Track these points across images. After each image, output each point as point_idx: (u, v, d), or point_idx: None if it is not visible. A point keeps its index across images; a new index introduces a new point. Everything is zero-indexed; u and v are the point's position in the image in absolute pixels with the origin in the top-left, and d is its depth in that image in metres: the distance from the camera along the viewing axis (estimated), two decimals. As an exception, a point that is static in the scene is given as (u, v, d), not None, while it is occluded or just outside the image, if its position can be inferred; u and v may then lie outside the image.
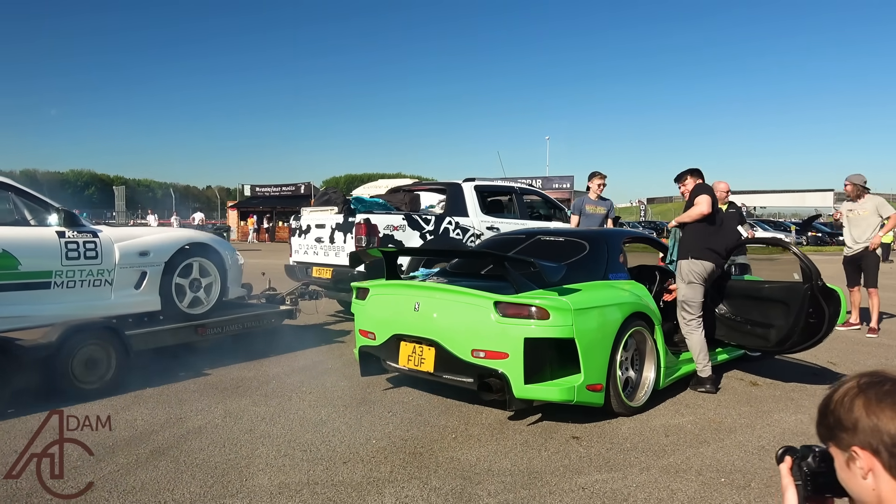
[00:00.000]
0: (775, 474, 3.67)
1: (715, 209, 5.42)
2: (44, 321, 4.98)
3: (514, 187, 9.83)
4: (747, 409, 4.89)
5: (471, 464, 3.76)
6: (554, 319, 4.18)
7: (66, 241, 5.12)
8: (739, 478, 3.60)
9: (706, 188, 5.50)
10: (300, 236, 8.87)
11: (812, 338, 5.08)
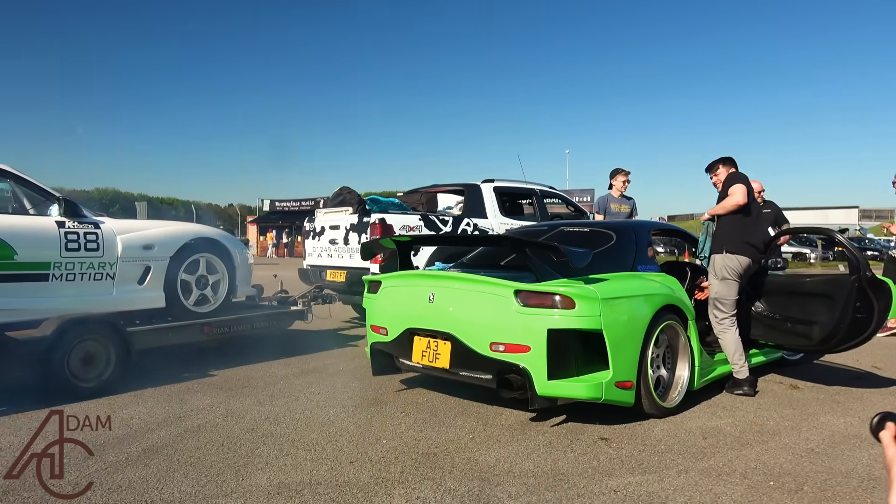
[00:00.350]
0: (830, 477, 3.30)
1: (751, 199, 5.05)
2: (41, 315, 4.73)
3: (535, 189, 9.48)
4: (790, 411, 4.50)
5: (489, 465, 3.42)
6: (580, 309, 3.84)
7: (65, 231, 4.89)
8: (790, 481, 3.22)
9: (741, 177, 5.13)
10: (314, 238, 8.61)
11: (860, 334, 4.68)
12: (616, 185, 7.88)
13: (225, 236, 6.14)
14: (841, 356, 6.54)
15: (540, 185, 9.65)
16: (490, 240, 5.51)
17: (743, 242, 4.98)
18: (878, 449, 3.66)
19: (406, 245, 4.95)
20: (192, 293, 5.79)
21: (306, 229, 8.86)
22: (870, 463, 3.49)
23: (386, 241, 4.90)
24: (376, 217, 7.65)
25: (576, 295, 3.85)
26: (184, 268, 5.67)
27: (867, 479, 3.27)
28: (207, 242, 5.90)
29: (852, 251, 4.61)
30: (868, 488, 3.14)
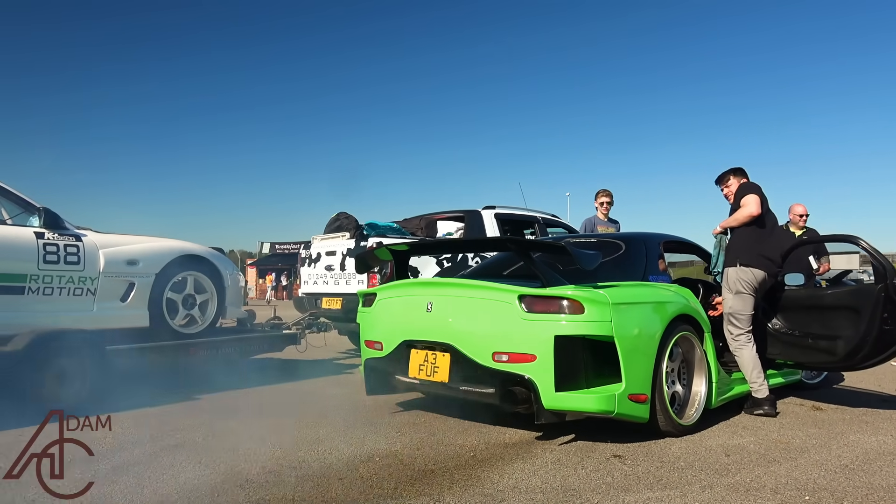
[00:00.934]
0: (871, 492, 2.96)
1: (765, 209, 4.80)
2: (16, 331, 4.45)
3: (538, 217, 9.25)
4: (816, 430, 4.17)
5: (492, 481, 3.10)
6: (589, 314, 3.56)
7: (44, 242, 4.64)
8: (827, 496, 2.90)
9: (753, 187, 4.89)
10: (310, 265, 8.35)
11: (888, 348, 4.37)
12: (599, 207, 7.62)
13: (215, 255, 5.88)
14: (862, 380, 6.23)
15: (543, 213, 9.43)
16: (493, 242, 5.24)
17: (758, 255, 4.72)
18: (919, 465, 3.35)
19: (403, 255, 4.69)
20: (179, 313, 5.52)
21: (302, 256, 8.61)
22: (912, 479, 3.17)
23: (381, 251, 4.64)
24: (374, 241, 7.40)
25: (585, 299, 3.58)
26: (170, 286, 5.41)
27: (913, 494, 2.94)
28: (196, 260, 5.65)
29: (878, 258, 4.34)
30: (915, 503, 2.82)
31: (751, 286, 4.68)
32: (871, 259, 4.38)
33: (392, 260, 4.71)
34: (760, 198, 4.81)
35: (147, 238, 5.42)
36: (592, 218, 7.60)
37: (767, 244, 4.80)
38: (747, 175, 5.12)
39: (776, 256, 4.84)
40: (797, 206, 7.54)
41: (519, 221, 9.21)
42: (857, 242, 4.61)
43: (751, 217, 4.73)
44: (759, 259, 4.71)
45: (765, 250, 4.76)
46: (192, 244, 5.73)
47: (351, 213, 8.28)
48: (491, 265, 5.08)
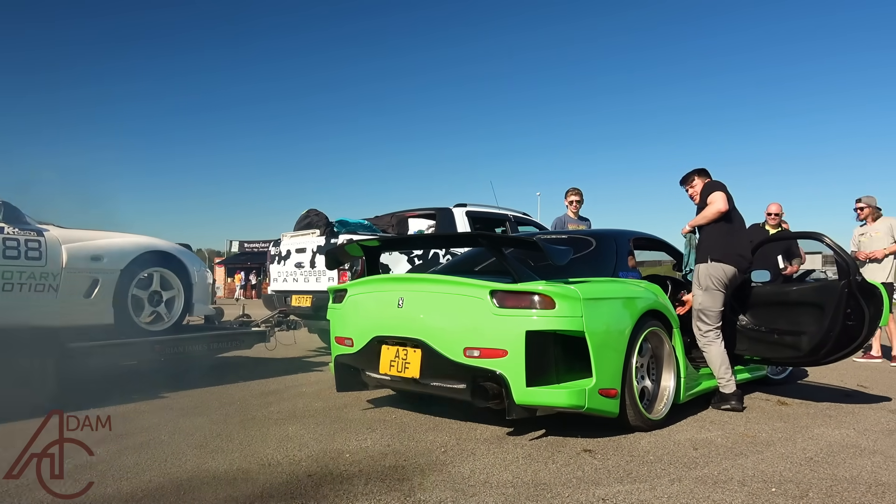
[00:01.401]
0: (835, 484, 3.01)
1: (732, 206, 4.86)
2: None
3: (509, 216, 9.28)
4: (781, 424, 4.24)
5: (464, 477, 3.08)
6: (560, 309, 3.57)
7: (3, 237, 4.52)
8: (793, 488, 2.94)
9: (718, 185, 4.95)
10: (279, 263, 8.26)
11: (850, 343, 4.47)
12: (569, 206, 7.67)
13: (182, 251, 5.78)
14: (825, 375, 6.35)
15: (514, 211, 9.46)
16: (463, 237, 5.23)
17: (728, 251, 4.77)
18: (881, 457, 3.42)
19: (374, 251, 4.65)
20: (145, 310, 5.41)
21: (272, 254, 8.51)
22: (874, 470, 3.23)
23: (352, 247, 4.60)
24: (344, 238, 7.35)
25: (556, 294, 3.59)
26: (136, 282, 5.30)
27: (874, 484, 3.00)
28: (162, 257, 5.54)
29: (842, 255, 4.43)
30: (877, 493, 2.87)
31: (721, 282, 4.73)
32: (836, 256, 4.47)
33: (363, 256, 4.67)
34: (726, 195, 4.87)
35: (112, 234, 5.31)
36: (563, 216, 7.64)
37: (737, 240, 4.86)
38: (710, 175, 5.18)
39: (746, 252, 4.91)
40: (772, 205, 7.67)
41: (490, 219, 9.23)
42: (821, 239, 4.70)
43: (719, 213, 4.78)
44: (730, 255, 4.76)
45: (735, 246, 4.81)
46: (159, 240, 5.63)
47: (321, 211, 8.22)
48: (462, 261, 5.07)
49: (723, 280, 4.73)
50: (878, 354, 7.78)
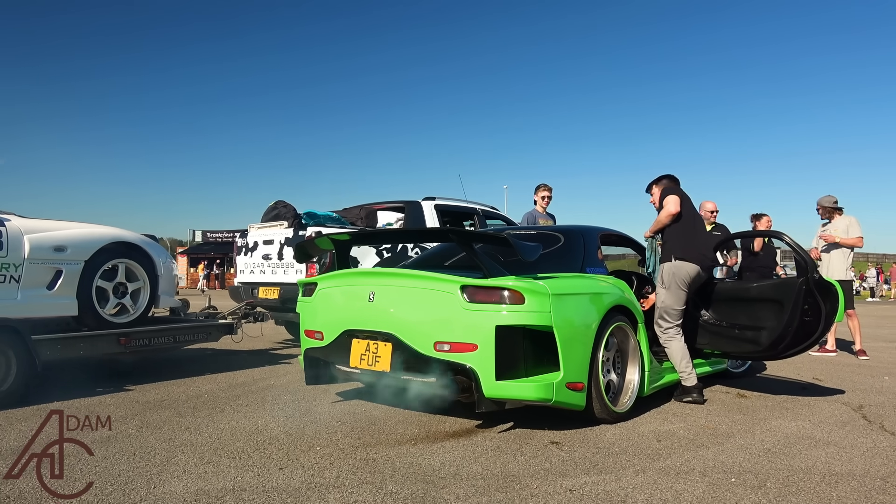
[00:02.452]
0: (792, 474, 3.13)
1: (687, 208, 4.98)
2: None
3: (478, 209, 9.34)
4: (741, 416, 4.38)
5: (434, 469, 3.13)
6: (529, 304, 3.63)
7: (-37, 227, 4.41)
8: (752, 478, 3.05)
9: (673, 190, 5.09)
10: (246, 254, 8.19)
11: (807, 338, 4.62)
12: (539, 201, 7.77)
13: (147, 242, 5.69)
14: (783, 369, 6.55)
15: (482, 204, 9.52)
16: (434, 233, 5.27)
17: (691, 250, 4.88)
18: (835, 448, 3.56)
19: (345, 244, 4.66)
20: (110, 301, 5.32)
21: (238, 245, 8.43)
22: (828, 460, 3.36)
23: (322, 240, 4.60)
24: (313, 231, 7.32)
25: (525, 290, 3.64)
26: (100, 274, 5.21)
27: (828, 474, 3.13)
28: (128, 248, 5.45)
29: (801, 253, 4.57)
30: (831, 483, 3.00)
31: (684, 282, 4.84)
32: (794, 254, 4.61)
33: (333, 249, 4.68)
34: (681, 197, 4.98)
35: (76, 224, 5.20)
36: (532, 212, 7.73)
37: (699, 239, 4.98)
38: (674, 181, 5.29)
39: (709, 251, 5.04)
40: (707, 202, 7.85)
41: (459, 213, 9.27)
42: (781, 238, 4.85)
43: (671, 216, 4.91)
44: (694, 254, 4.87)
45: (698, 245, 4.93)
46: (124, 231, 5.53)
47: (289, 202, 8.17)
48: (432, 256, 5.10)
49: (685, 279, 4.84)
50: (832, 349, 8.04)
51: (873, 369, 6.77)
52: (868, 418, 4.39)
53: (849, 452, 3.52)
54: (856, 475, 3.12)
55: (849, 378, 6.13)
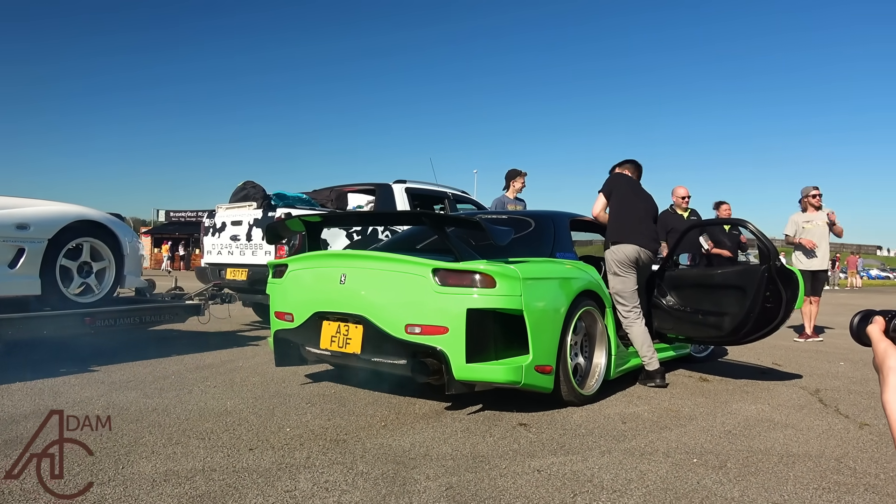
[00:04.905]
0: (751, 455, 3.23)
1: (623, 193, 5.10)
2: None
3: (448, 193, 9.35)
4: (703, 400, 4.49)
5: (404, 449, 3.16)
6: (500, 288, 3.67)
7: (-79, 203, 4.29)
8: (713, 459, 3.14)
9: (610, 182, 5.27)
10: (214, 235, 8.09)
11: (769, 324, 4.75)
12: (514, 186, 7.82)
13: (113, 221, 5.60)
14: (743, 354, 6.72)
15: (452, 188, 9.53)
16: (407, 216, 5.27)
17: (626, 232, 4.99)
18: (792, 430, 3.68)
19: (316, 226, 4.64)
20: (74, 281, 5.24)
21: (205, 226, 8.32)
22: (786, 442, 3.48)
23: (293, 221, 4.57)
24: (282, 212, 7.26)
25: (497, 273, 3.68)
26: (64, 252, 5.11)
27: (786, 455, 3.24)
28: (93, 226, 5.36)
29: (764, 241, 4.68)
30: (788, 463, 3.11)
31: (625, 264, 4.93)
32: (758, 241, 4.72)
33: (304, 231, 4.66)
34: (610, 189, 5.16)
35: (39, 201, 5.09)
36: (502, 197, 7.77)
37: (637, 222, 5.05)
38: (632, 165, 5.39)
39: (649, 232, 5.11)
40: (679, 188, 7.97)
41: (429, 196, 9.27)
42: (745, 226, 4.96)
43: (595, 215, 5.24)
44: (629, 236, 4.97)
45: (635, 227, 5.02)
46: (89, 209, 5.43)
47: (258, 183, 8.08)
48: (404, 239, 5.11)
49: (625, 261, 4.93)
50: (811, 334, 8.27)
51: (830, 355, 6.98)
52: (824, 402, 4.55)
53: (805, 434, 3.65)
54: (812, 456, 3.24)
55: (806, 363, 6.32)
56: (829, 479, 2.89)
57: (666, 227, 7.35)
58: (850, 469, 3.04)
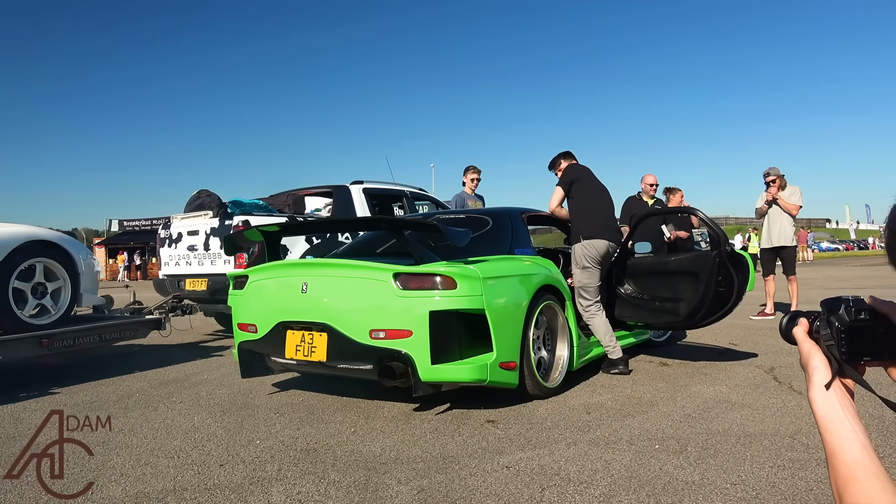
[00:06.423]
0: (710, 437, 3.36)
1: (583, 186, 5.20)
2: None
3: (406, 192, 9.39)
4: (663, 384, 4.63)
5: (374, 455, 3.20)
6: (461, 289, 3.72)
7: None
8: (674, 444, 3.26)
9: (564, 175, 5.33)
10: (170, 246, 7.98)
11: (722, 308, 4.91)
12: (468, 183, 7.89)
13: (66, 239, 5.49)
14: (701, 336, 6.91)
15: (410, 186, 9.56)
16: (365, 222, 5.29)
17: (598, 226, 5.08)
18: (749, 410, 3.82)
19: (274, 236, 4.63)
20: (29, 303, 5.13)
21: (161, 237, 8.20)
22: (743, 422, 3.61)
23: (251, 232, 4.56)
24: (239, 220, 7.21)
25: (457, 275, 3.74)
26: (16, 274, 5.00)
27: (743, 435, 3.37)
28: (45, 246, 5.25)
29: (713, 227, 4.83)
30: (745, 443, 3.23)
31: (595, 259, 5.04)
32: (708, 228, 4.87)
33: (262, 241, 4.64)
34: (570, 182, 5.21)
35: (-12, 224, 4.98)
36: (461, 193, 7.83)
37: (603, 215, 5.17)
38: (575, 157, 5.49)
39: (614, 224, 5.26)
40: (648, 176, 8.15)
41: (387, 196, 9.30)
42: (695, 213, 5.11)
43: (551, 208, 5.30)
44: (601, 230, 5.07)
45: (603, 221, 5.14)
46: (40, 229, 5.32)
47: (213, 191, 7.99)
48: (364, 243, 5.13)
49: (596, 257, 5.04)
50: (771, 312, 8.53)
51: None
52: (778, 379, 4.72)
53: (761, 413, 3.80)
54: (767, 434, 3.38)
55: (762, 342, 6.53)
56: (783, 457, 3.02)
57: (630, 213, 7.51)
58: (804, 445, 3.18)
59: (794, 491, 2.60)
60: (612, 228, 5.17)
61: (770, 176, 8.36)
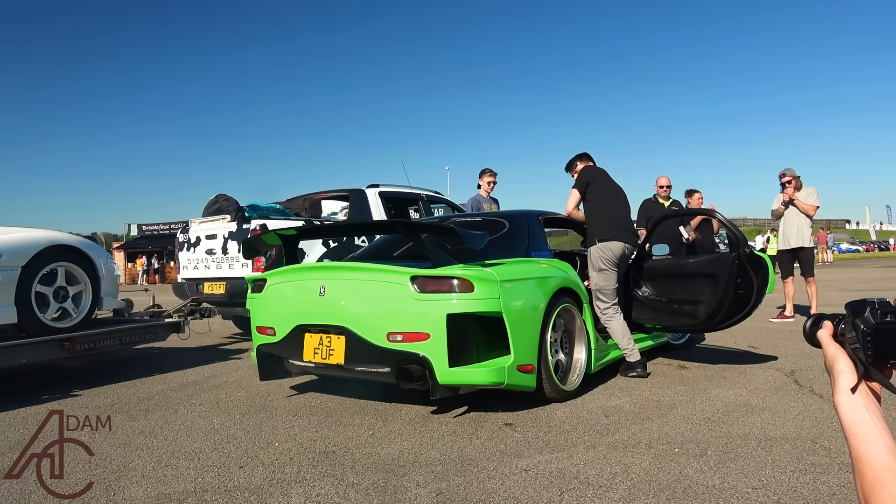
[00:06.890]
0: (730, 441, 3.34)
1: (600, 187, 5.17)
2: None
3: (422, 195, 9.40)
4: (682, 388, 4.59)
5: (393, 457, 3.21)
6: (479, 292, 3.72)
7: None
8: (693, 447, 3.23)
9: (581, 176, 5.31)
10: (189, 250, 8.06)
11: (742, 310, 4.87)
12: (483, 185, 7.90)
13: (86, 244, 5.56)
14: (720, 338, 6.86)
15: (426, 189, 9.57)
16: (382, 225, 5.31)
17: (613, 228, 5.06)
18: (769, 413, 3.78)
19: (292, 239, 4.66)
20: (51, 306, 5.19)
21: (180, 241, 8.28)
22: (764, 426, 3.58)
23: (269, 236, 4.59)
24: (257, 223, 7.27)
25: (474, 278, 3.74)
26: (39, 278, 5.07)
27: (764, 439, 3.34)
28: (66, 250, 5.32)
29: (732, 229, 4.79)
30: (766, 447, 3.20)
31: (611, 262, 5.02)
32: (726, 230, 4.83)
33: (280, 244, 4.67)
34: (586, 184, 5.18)
35: (10, 229, 5.05)
36: (477, 196, 7.84)
37: (619, 217, 5.15)
38: (592, 159, 5.47)
39: (630, 226, 5.23)
40: (661, 178, 8.11)
41: (403, 199, 9.32)
42: (713, 215, 5.07)
43: (568, 211, 5.27)
44: (616, 232, 5.05)
45: (620, 223, 5.11)
46: (62, 234, 5.39)
47: (230, 196, 8.06)
48: (380, 247, 5.15)
49: (612, 259, 5.02)
50: (791, 314, 8.45)
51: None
52: (799, 383, 4.67)
53: (782, 417, 3.76)
54: (788, 438, 3.34)
55: (781, 344, 6.46)
56: (805, 461, 2.99)
57: (647, 216, 7.48)
58: (826, 449, 3.15)
59: (817, 495, 2.58)
60: (628, 230, 5.15)
61: (786, 177, 8.29)
